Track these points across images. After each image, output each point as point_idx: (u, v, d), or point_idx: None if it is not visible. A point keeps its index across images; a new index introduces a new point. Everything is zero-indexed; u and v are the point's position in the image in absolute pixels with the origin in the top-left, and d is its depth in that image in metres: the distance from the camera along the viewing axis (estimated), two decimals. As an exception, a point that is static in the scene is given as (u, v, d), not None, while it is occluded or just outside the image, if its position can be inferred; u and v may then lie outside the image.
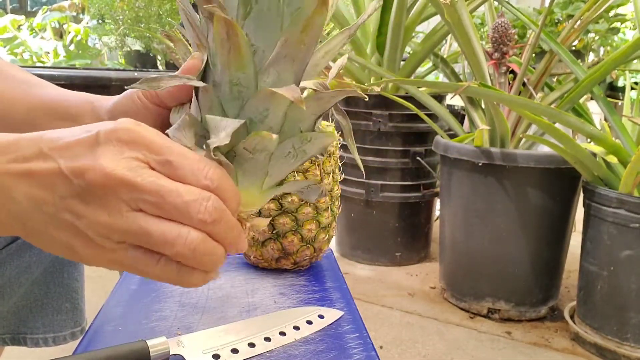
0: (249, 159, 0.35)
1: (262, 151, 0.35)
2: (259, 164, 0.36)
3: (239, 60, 0.33)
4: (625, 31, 3.03)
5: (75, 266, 0.71)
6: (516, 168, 1.29)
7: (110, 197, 0.29)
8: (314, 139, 0.36)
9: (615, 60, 1.22)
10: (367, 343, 0.49)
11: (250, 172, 0.36)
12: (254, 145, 0.34)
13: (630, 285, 1.17)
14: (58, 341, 0.72)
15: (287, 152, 0.36)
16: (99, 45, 2.57)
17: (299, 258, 0.65)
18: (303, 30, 0.32)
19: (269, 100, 0.34)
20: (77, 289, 0.72)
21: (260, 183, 0.37)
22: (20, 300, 0.68)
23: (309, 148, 0.36)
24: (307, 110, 0.35)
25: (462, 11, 1.28)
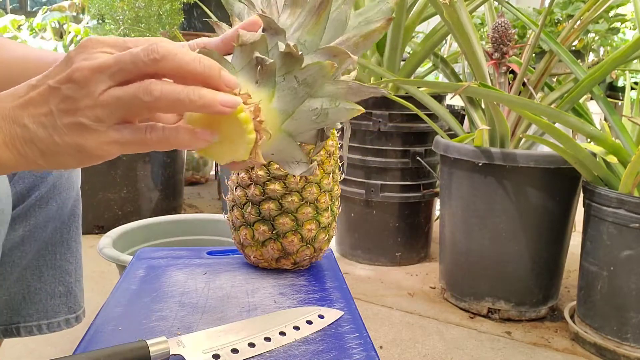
0: (292, 89, 0.40)
1: (308, 85, 0.40)
2: (296, 98, 0.40)
3: (316, 27, 0.41)
4: (625, 31, 3.03)
5: (68, 247, 0.71)
6: (516, 168, 1.29)
7: (90, 83, 0.36)
8: (341, 106, 0.41)
9: (615, 60, 1.22)
10: (367, 343, 0.49)
11: (285, 100, 0.40)
12: (306, 76, 0.39)
13: (630, 285, 1.17)
14: (52, 328, 0.72)
15: (315, 107, 0.40)
16: (99, 45, 2.56)
17: (299, 258, 0.65)
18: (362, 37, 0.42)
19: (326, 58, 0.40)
20: (70, 271, 0.72)
21: (285, 117, 0.41)
22: (13, 286, 0.68)
23: (332, 114, 0.41)
24: (343, 92, 0.41)
25: (462, 11, 1.28)
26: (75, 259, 0.73)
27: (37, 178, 0.63)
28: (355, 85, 0.41)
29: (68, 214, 0.71)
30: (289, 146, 0.43)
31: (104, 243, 1.19)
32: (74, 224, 0.72)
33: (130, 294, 0.58)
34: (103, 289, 1.47)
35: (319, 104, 0.41)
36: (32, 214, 0.66)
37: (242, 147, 0.39)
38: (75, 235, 0.73)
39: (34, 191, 0.65)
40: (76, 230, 0.73)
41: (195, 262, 0.68)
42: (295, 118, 0.41)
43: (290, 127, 0.41)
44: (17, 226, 0.65)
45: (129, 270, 0.64)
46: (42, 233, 0.68)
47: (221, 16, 2.20)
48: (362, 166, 1.74)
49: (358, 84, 0.41)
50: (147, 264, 0.67)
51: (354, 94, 0.42)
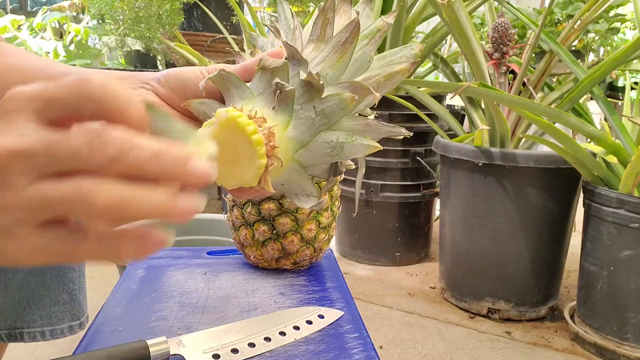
0: (309, 118, 0.39)
1: (325, 116, 0.39)
2: (312, 128, 0.39)
3: (339, 62, 0.41)
4: (625, 31, 3.03)
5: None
6: (516, 168, 1.29)
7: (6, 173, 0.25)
8: (357, 142, 0.40)
9: (615, 60, 1.22)
10: (367, 343, 0.49)
11: (300, 129, 0.39)
12: (325, 106, 0.39)
13: (630, 285, 1.17)
14: (56, 335, 0.71)
15: (331, 140, 0.40)
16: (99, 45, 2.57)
17: (299, 258, 0.65)
18: (385, 77, 0.42)
19: (346, 90, 0.39)
20: (74, 278, 0.72)
21: (297, 146, 0.40)
22: (17, 292, 0.68)
23: (348, 148, 0.40)
24: (361, 128, 0.40)
25: (460, 12, 1.28)
26: (79, 266, 0.73)
27: None
28: (375, 123, 0.41)
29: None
30: (300, 178, 0.41)
31: (104, 243, 1.18)
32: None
33: (130, 294, 0.58)
34: (103, 289, 1.47)
35: (335, 137, 0.40)
36: None
37: (252, 172, 0.38)
38: None
39: None
40: None
41: (195, 262, 0.68)
42: (309, 149, 0.40)
43: (303, 157, 0.40)
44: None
45: (129, 270, 0.64)
46: None
47: (221, 16, 2.20)
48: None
49: (377, 122, 0.41)
50: (147, 264, 0.67)
51: (372, 132, 0.41)
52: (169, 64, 2.31)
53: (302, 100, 0.39)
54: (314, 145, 0.40)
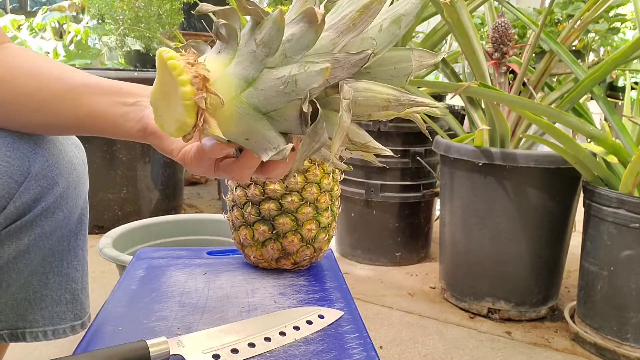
0: (250, 53, 0.36)
1: (265, 45, 0.36)
2: (255, 61, 0.36)
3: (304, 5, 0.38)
4: (626, 31, 3.03)
5: (75, 255, 0.71)
6: (516, 168, 1.29)
7: None
8: (310, 70, 0.36)
9: (616, 60, 1.22)
10: (367, 343, 0.49)
11: (243, 64, 0.36)
12: (263, 34, 0.36)
13: (630, 285, 1.17)
14: (58, 335, 0.71)
15: (282, 75, 0.36)
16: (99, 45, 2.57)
17: (299, 258, 0.65)
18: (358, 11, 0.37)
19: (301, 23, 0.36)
20: (76, 279, 0.72)
21: (243, 84, 0.37)
22: (19, 292, 0.68)
23: (302, 81, 0.36)
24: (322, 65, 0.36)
25: (462, 11, 1.28)
26: (81, 266, 0.73)
27: (44, 189, 0.63)
28: (342, 56, 0.36)
29: (75, 222, 0.70)
30: (260, 126, 0.38)
31: (103, 243, 1.19)
32: (81, 231, 0.72)
33: (130, 294, 0.58)
34: (103, 289, 1.47)
35: (287, 72, 0.36)
36: (38, 224, 0.66)
37: (179, 105, 0.35)
38: (82, 243, 0.72)
39: (40, 202, 0.65)
40: (83, 238, 0.73)
41: (195, 262, 0.68)
42: (258, 87, 0.37)
43: (255, 98, 0.37)
44: (23, 235, 0.65)
45: (128, 270, 0.64)
46: (48, 241, 0.68)
47: (221, 16, 2.19)
48: (362, 166, 1.74)
49: (345, 55, 0.36)
50: (147, 264, 0.66)
51: (341, 66, 0.37)
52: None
53: (246, 37, 0.37)
54: (263, 82, 0.37)
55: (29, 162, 0.58)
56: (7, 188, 0.58)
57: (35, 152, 0.59)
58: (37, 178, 0.60)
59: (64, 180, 0.63)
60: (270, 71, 0.36)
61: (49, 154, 0.61)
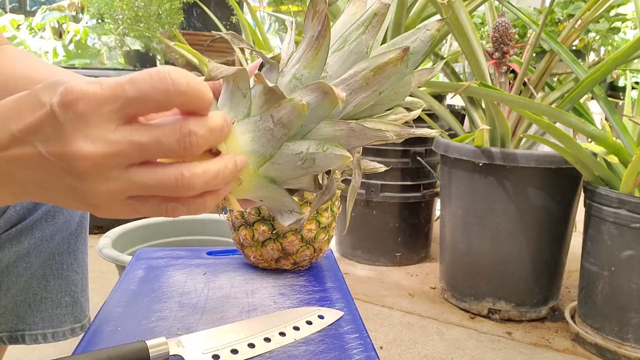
0: (267, 130, 0.36)
1: (284, 127, 0.35)
2: (272, 140, 0.36)
3: (314, 60, 0.36)
4: (626, 31, 3.03)
5: (75, 258, 0.71)
6: (516, 168, 1.29)
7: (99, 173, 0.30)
8: (329, 152, 0.36)
9: (616, 59, 1.22)
10: (367, 343, 0.49)
11: (260, 142, 0.36)
12: (281, 115, 0.35)
13: (631, 286, 1.17)
14: (57, 337, 0.71)
15: (299, 151, 0.36)
16: (99, 44, 2.57)
17: (299, 258, 0.65)
18: (372, 71, 0.36)
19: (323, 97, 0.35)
20: (76, 281, 0.71)
21: (261, 161, 0.37)
22: (19, 294, 0.68)
23: (320, 159, 0.36)
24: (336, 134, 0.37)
25: (461, 11, 1.28)
26: (81, 269, 0.72)
27: None
28: (358, 127, 0.36)
29: (75, 226, 0.70)
30: (276, 193, 0.38)
31: (103, 243, 1.18)
32: (81, 234, 0.72)
33: (130, 294, 0.58)
34: (103, 289, 1.46)
35: (304, 148, 0.36)
36: (39, 227, 0.66)
37: None
38: (82, 246, 0.72)
39: (41, 205, 0.65)
40: (83, 241, 0.73)
41: (195, 262, 0.68)
42: (276, 162, 0.36)
43: (272, 172, 0.37)
44: (23, 239, 0.65)
45: (128, 271, 0.64)
46: (49, 245, 0.68)
47: (221, 15, 2.20)
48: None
49: (361, 126, 0.36)
50: (147, 264, 0.66)
51: (356, 137, 0.37)
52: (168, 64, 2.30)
53: (262, 109, 0.36)
54: (280, 158, 0.36)
55: None
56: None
57: None
58: None
59: None
60: (287, 145, 0.36)
61: None
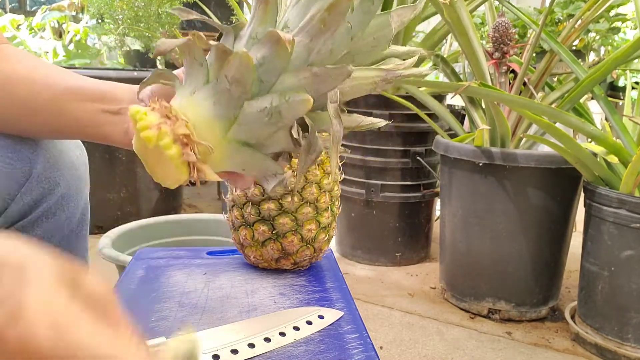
0: (225, 91, 0.34)
1: (239, 84, 0.34)
2: (232, 99, 0.35)
3: (264, 15, 0.35)
4: (626, 31, 3.03)
5: (76, 256, 0.71)
6: (516, 168, 1.29)
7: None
8: (291, 99, 0.34)
9: (616, 59, 1.22)
10: (367, 343, 0.49)
11: (221, 103, 0.35)
12: (233, 72, 0.34)
13: (631, 286, 1.17)
14: None
15: (263, 107, 0.35)
16: (99, 44, 2.57)
17: (299, 258, 0.65)
18: (327, 10, 0.34)
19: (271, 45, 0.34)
20: None
21: (227, 124, 0.35)
22: None
23: (285, 110, 0.35)
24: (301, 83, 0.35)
25: (462, 11, 1.28)
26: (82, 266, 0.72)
27: (45, 190, 0.63)
28: (321, 70, 0.34)
29: (76, 223, 0.70)
30: (255, 159, 0.37)
31: (103, 243, 1.18)
32: (82, 232, 0.72)
33: (130, 294, 0.58)
34: (102, 289, 1.46)
35: (267, 103, 0.35)
36: (40, 225, 0.66)
37: (169, 165, 0.35)
38: (83, 243, 0.72)
39: (41, 203, 0.65)
40: (84, 238, 0.73)
41: (195, 262, 0.68)
42: (242, 123, 0.35)
43: (241, 135, 0.36)
44: (24, 236, 0.65)
45: (128, 271, 0.64)
46: (50, 242, 0.68)
47: (221, 15, 2.19)
48: (362, 166, 1.74)
49: (324, 68, 0.34)
50: (147, 264, 0.66)
51: (323, 81, 0.35)
52: (168, 64, 2.30)
53: (216, 71, 0.35)
54: (245, 117, 0.35)
55: (30, 163, 0.58)
56: (8, 189, 0.57)
57: (36, 154, 0.59)
58: (38, 179, 0.60)
59: (65, 181, 0.63)
60: (250, 104, 0.35)
61: (50, 155, 0.61)
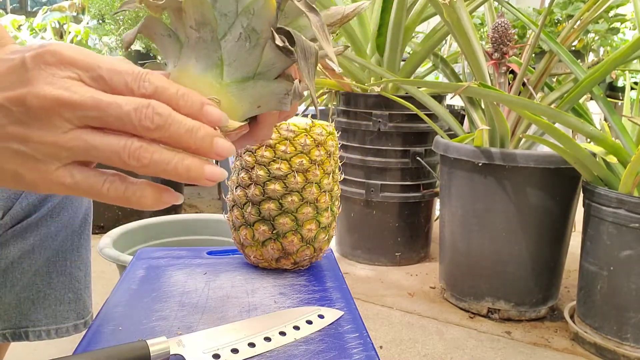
0: (198, 40, 0.34)
1: (205, 25, 0.33)
2: (209, 45, 0.34)
3: None
4: (625, 31, 3.03)
5: (79, 255, 0.71)
6: (516, 168, 1.29)
7: (52, 117, 0.30)
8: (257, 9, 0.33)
9: (615, 60, 1.22)
10: (367, 343, 0.49)
11: (202, 56, 0.34)
12: (193, 17, 0.33)
13: (630, 285, 1.17)
14: (61, 333, 0.72)
15: (238, 33, 0.34)
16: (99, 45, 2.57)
17: (299, 258, 0.65)
18: None
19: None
20: (80, 278, 0.72)
21: (218, 71, 0.35)
22: (22, 291, 0.68)
23: (257, 23, 0.34)
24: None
25: (461, 11, 1.28)
26: (85, 266, 0.73)
27: None
28: None
29: (79, 222, 0.71)
30: (262, 89, 0.36)
31: (104, 243, 1.19)
32: (85, 231, 0.72)
33: (130, 294, 0.58)
34: (103, 289, 1.47)
35: (239, 29, 0.34)
36: (44, 224, 0.66)
37: None
38: (85, 243, 0.73)
39: (46, 202, 0.65)
40: (87, 237, 0.73)
41: (195, 262, 0.68)
42: (230, 62, 0.35)
43: (236, 72, 0.35)
44: (28, 235, 0.65)
45: (129, 270, 0.64)
46: (53, 241, 0.68)
47: None
48: (362, 166, 1.74)
49: None
50: (147, 264, 0.67)
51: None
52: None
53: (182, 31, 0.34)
54: (229, 54, 0.34)
55: None
56: (13, 189, 0.58)
57: None
58: None
59: None
60: (226, 39, 0.34)
61: None
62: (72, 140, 0.30)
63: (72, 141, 0.30)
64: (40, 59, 0.30)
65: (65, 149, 0.30)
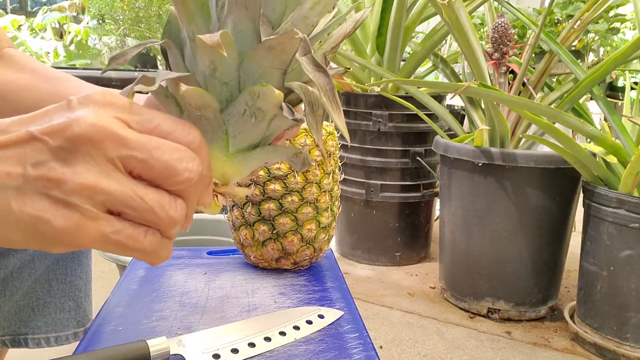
0: (201, 118, 0.33)
1: (205, 107, 0.32)
2: (212, 122, 0.33)
3: (185, 11, 0.31)
4: (625, 31, 3.03)
5: (79, 263, 0.71)
6: (516, 168, 1.29)
7: (95, 152, 0.27)
8: (262, 94, 0.32)
9: (615, 60, 1.22)
10: (367, 343, 0.49)
11: (206, 130, 0.34)
12: (193, 102, 0.32)
13: (629, 285, 1.17)
14: (60, 341, 0.72)
15: (242, 111, 0.33)
16: (99, 45, 2.57)
17: (299, 258, 0.65)
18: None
19: (209, 51, 0.31)
20: (80, 286, 0.72)
21: (223, 144, 0.35)
22: (22, 299, 0.68)
23: (263, 104, 0.33)
24: (263, 63, 0.32)
25: (461, 12, 1.28)
26: (85, 274, 0.73)
27: None
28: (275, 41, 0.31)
29: None
30: (267, 152, 0.36)
31: (104, 243, 1.18)
32: None
33: (131, 294, 0.58)
34: (103, 289, 1.47)
35: (243, 105, 0.33)
36: None
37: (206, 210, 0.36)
38: (86, 251, 0.72)
39: None
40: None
41: (196, 262, 0.68)
42: (235, 135, 0.34)
43: (242, 143, 0.35)
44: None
45: (129, 270, 0.64)
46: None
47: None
48: (362, 166, 1.74)
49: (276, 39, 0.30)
50: (147, 264, 0.67)
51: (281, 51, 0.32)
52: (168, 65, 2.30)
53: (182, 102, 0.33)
54: (233, 128, 0.34)
55: None
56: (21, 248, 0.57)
57: None
58: None
59: None
60: (229, 113, 0.33)
61: None
62: (115, 185, 0.27)
63: (114, 187, 0.27)
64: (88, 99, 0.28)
65: (105, 194, 0.27)
